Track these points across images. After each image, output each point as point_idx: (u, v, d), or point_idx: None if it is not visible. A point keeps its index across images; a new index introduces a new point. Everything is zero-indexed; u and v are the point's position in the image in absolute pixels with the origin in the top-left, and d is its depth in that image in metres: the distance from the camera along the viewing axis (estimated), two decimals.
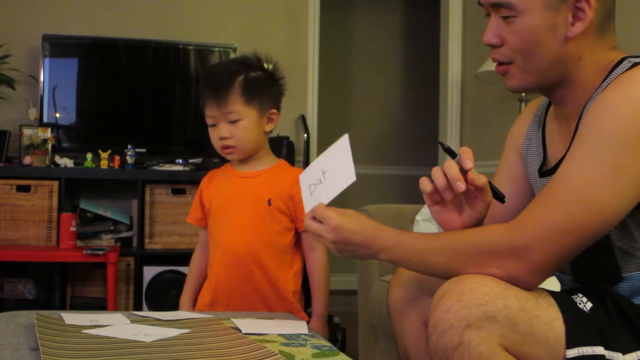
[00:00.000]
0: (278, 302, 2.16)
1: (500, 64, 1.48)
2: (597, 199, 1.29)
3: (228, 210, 2.17)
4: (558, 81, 1.45)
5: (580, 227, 1.30)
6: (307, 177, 1.58)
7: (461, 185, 1.36)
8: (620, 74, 1.37)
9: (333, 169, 1.50)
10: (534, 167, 1.61)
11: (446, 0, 4.94)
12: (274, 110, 2.18)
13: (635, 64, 1.38)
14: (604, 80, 1.40)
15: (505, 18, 1.42)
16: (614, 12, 1.46)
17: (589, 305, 1.34)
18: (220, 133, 2.12)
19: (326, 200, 1.50)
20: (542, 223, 1.31)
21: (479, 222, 1.46)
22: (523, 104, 3.87)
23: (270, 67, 2.20)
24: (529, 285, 1.33)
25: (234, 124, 2.11)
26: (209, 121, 2.15)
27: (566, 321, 1.29)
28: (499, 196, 1.45)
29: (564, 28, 1.39)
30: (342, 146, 1.48)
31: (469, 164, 1.38)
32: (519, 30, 1.40)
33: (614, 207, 1.30)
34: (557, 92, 1.48)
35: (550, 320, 1.29)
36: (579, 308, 1.33)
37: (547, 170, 1.54)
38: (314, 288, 2.19)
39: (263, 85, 2.16)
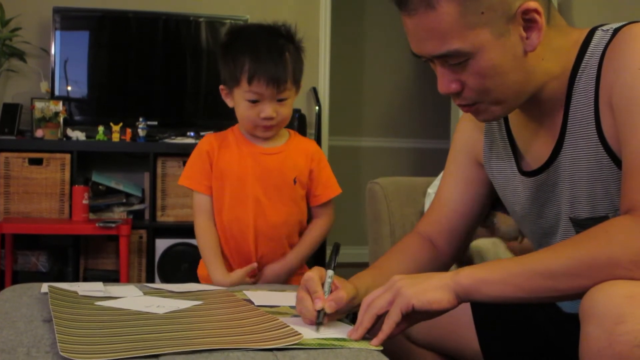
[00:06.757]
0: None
1: (465, 105, 1.35)
2: None
3: (252, 187, 2.08)
4: (531, 92, 1.35)
5: None
6: None
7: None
8: (614, 35, 1.28)
9: None
10: (506, 170, 1.50)
11: None
12: (300, 85, 2.11)
13: (621, 27, 1.29)
14: (580, 60, 1.32)
15: (456, 64, 1.29)
16: None
17: None
18: (268, 112, 1.99)
19: None
20: None
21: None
22: None
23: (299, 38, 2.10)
24: None
25: (281, 102, 2.02)
26: (250, 97, 1.99)
27: None
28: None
29: (521, 45, 1.28)
30: None
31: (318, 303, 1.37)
32: (478, 70, 1.28)
33: None
34: (530, 98, 1.37)
35: None
36: None
37: (535, 170, 1.43)
38: (302, 239, 2.15)
39: (302, 61, 2.08)
